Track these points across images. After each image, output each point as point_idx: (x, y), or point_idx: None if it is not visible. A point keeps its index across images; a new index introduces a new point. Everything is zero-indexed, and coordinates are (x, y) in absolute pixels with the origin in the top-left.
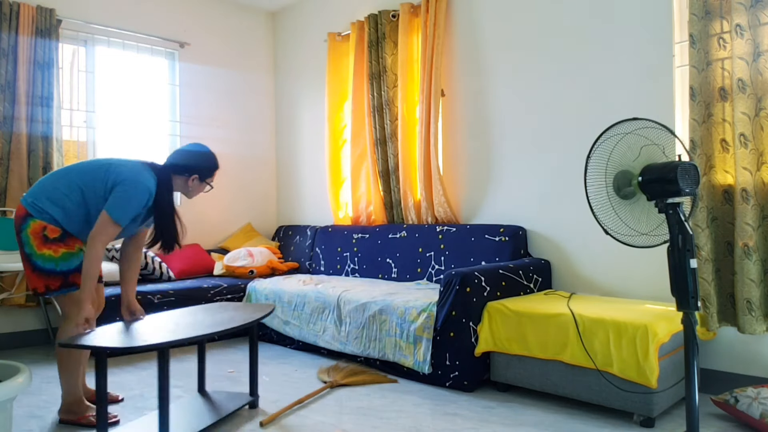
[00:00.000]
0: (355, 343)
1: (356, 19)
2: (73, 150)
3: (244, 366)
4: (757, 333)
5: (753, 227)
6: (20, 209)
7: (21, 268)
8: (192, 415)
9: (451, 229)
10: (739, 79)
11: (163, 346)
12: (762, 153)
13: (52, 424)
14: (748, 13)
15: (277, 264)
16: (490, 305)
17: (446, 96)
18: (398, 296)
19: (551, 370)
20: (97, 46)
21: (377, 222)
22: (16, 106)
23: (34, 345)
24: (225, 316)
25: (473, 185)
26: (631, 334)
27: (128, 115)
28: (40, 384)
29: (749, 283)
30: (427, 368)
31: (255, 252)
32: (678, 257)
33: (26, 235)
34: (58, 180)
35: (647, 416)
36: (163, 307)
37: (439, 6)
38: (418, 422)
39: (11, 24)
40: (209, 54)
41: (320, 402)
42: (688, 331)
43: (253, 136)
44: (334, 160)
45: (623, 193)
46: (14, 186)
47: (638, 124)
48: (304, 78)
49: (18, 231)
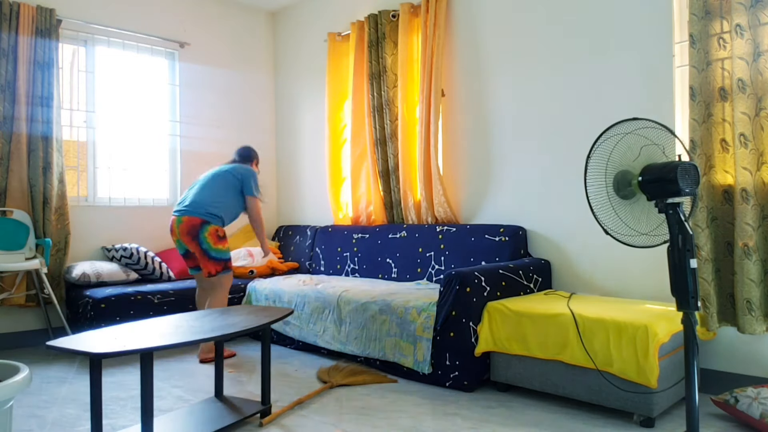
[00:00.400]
0: (355, 343)
1: (356, 19)
2: (73, 150)
3: (244, 366)
4: (757, 333)
5: (753, 227)
6: (196, 219)
7: (21, 268)
8: (198, 420)
9: (451, 229)
10: (739, 79)
11: (150, 350)
12: (762, 153)
13: (53, 424)
14: (748, 13)
15: (277, 264)
16: (490, 305)
17: (446, 96)
18: (398, 296)
19: (551, 370)
20: (97, 46)
21: (377, 222)
22: (16, 106)
23: (34, 345)
24: (237, 319)
25: (473, 185)
26: (631, 334)
27: (128, 115)
28: (40, 384)
29: (749, 283)
30: (427, 368)
31: (255, 252)
32: (678, 257)
33: (204, 236)
34: (213, 195)
35: (647, 416)
36: (164, 308)
37: (439, 6)
38: (418, 422)
39: (11, 24)
40: (209, 54)
41: (320, 402)
42: (688, 331)
43: (253, 136)
44: (334, 160)
45: (623, 193)
46: (14, 186)
47: (638, 124)
48: (304, 78)
49: (197, 233)
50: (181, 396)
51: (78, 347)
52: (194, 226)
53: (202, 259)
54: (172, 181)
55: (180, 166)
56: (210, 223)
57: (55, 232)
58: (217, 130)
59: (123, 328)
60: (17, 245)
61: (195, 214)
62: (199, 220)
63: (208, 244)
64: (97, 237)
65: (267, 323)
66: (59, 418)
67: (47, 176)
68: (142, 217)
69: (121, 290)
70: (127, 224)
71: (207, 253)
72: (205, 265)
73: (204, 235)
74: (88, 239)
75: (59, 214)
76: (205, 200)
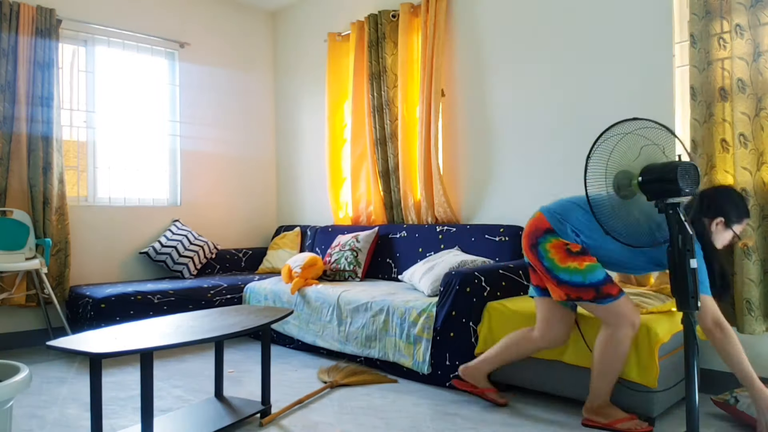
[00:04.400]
0: (355, 343)
1: (356, 19)
2: (73, 150)
3: (243, 366)
4: (757, 333)
5: (753, 227)
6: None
7: (21, 268)
8: (198, 420)
9: (451, 229)
10: (739, 79)
11: (149, 350)
12: (762, 153)
13: (52, 424)
14: (748, 13)
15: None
16: (491, 305)
17: (446, 96)
18: (398, 296)
19: (552, 371)
20: (97, 46)
21: (377, 222)
22: (16, 106)
23: (34, 345)
24: (237, 319)
25: (473, 185)
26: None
27: (128, 115)
28: (40, 384)
29: (749, 283)
30: (426, 368)
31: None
32: (678, 257)
33: (545, 248)
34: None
35: (648, 416)
36: (164, 308)
37: (439, 6)
38: (418, 422)
39: (11, 24)
40: (209, 54)
41: (320, 402)
42: (688, 331)
43: (253, 136)
44: (334, 160)
45: (623, 194)
46: (14, 186)
47: (638, 124)
48: (304, 78)
49: (537, 243)
50: (181, 396)
51: (78, 347)
52: (539, 231)
53: (546, 276)
54: (172, 181)
55: (180, 166)
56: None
57: (55, 232)
58: (217, 130)
59: (123, 328)
60: (17, 245)
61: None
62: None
63: (551, 260)
64: (97, 237)
65: (267, 323)
66: (59, 418)
67: (47, 176)
68: (142, 217)
69: (121, 290)
70: (127, 224)
71: (551, 272)
72: (551, 285)
73: (545, 246)
74: (88, 239)
75: (59, 214)
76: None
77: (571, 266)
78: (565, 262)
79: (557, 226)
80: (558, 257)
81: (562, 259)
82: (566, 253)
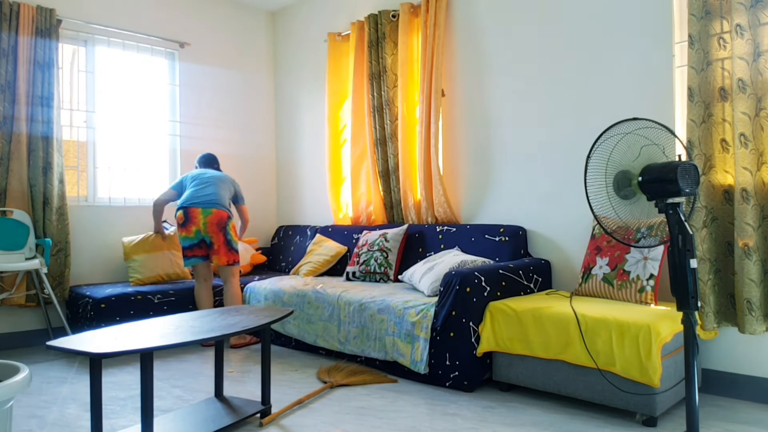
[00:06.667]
0: (354, 343)
1: (356, 19)
2: (73, 150)
3: (243, 366)
4: (758, 333)
5: (753, 227)
6: (224, 213)
7: (21, 268)
8: (198, 420)
9: (451, 229)
10: (739, 79)
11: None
12: (762, 153)
13: (52, 424)
14: (748, 13)
15: (258, 259)
16: (492, 305)
17: (446, 96)
18: (397, 296)
19: (554, 370)
20: (97, 46)
21: (377, 222)
22: (16, 106)
23: (34, 345)
24: (237, 319)
25: (473, 185)
26: (634, 334)
27: (128, 115)
28: (40, 384)
29: (749, 283)
30: (424, 368)
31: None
32: (678, 257)
33: (228, 228)
34: (225, 195)
35: (650, 416)
36: (164, 308)
37: (439, 6)
38: (418, 422)
39: (11, 24)
40: (209, 54)
41: (320, 402)
42: (688, 331)
43: (253, 136)
44: (334, 160)
45: (623, 193)
46: (14, 186)
47: (638, 124)
48: (304, 78)
49: (224, 225)
50: (181, 396)
51: (78, 347)
52: (222, 219)
53: (223, 249)
54: (172, 181)
55: (180, 166)
56: (231, 218)
57: (55, 232)
58: (217, 130)
59: (123, 328)
60: (17, 245)
61: (222, 208)
62: (226, 214)
63: (231, 236)
64: (97, 237)
65: (267, 323)
66: (59, 418)
67: (47, 176)
68: (142, 218)
69: (121, 290)
70: (127, 224)
71: (230, 244)
72: (225, 254)
73: (228, 227)
74: (89, 239)
75: (59, 214)
76: (224, 197)
77: (237, 240)
78: (235, 237)
79: None
80: (233, 233)
81: None
82: (235, 231)
